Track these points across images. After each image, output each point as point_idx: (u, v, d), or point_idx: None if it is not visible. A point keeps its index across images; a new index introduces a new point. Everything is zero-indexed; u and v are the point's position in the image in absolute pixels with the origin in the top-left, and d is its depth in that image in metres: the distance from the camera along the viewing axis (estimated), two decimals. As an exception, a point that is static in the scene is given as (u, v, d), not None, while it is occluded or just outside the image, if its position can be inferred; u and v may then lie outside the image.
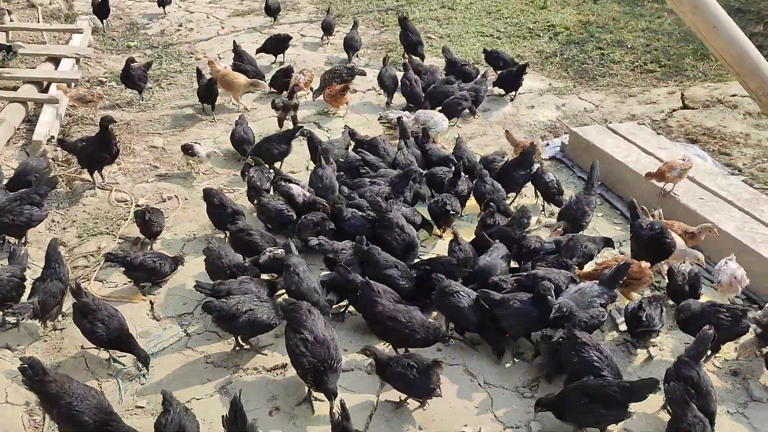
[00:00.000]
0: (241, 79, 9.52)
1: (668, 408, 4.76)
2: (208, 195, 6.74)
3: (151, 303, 6.04)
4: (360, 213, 6.54)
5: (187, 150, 7.88)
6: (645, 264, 5.81)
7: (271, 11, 12.74)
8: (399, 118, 8.30)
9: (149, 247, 6.66)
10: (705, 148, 8.47)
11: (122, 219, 7.18)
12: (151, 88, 10.41)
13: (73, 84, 9.61)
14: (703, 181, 7.08)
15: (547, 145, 8.71)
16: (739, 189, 6.99)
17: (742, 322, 5.11)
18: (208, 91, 9.32)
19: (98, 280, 6.32)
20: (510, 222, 6.48)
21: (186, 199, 7.64)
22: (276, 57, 11.22)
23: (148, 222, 6.54)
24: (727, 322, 5.09)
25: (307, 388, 4.97)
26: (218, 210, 6.67)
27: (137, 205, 7.18)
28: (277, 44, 11.06)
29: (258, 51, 10.97)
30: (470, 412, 4.95)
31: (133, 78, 9.58)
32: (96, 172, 7.68)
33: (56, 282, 5.63)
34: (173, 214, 7.28)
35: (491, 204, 6.55)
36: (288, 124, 8.86)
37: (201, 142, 8.14)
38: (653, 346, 5.47)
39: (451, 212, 6.59)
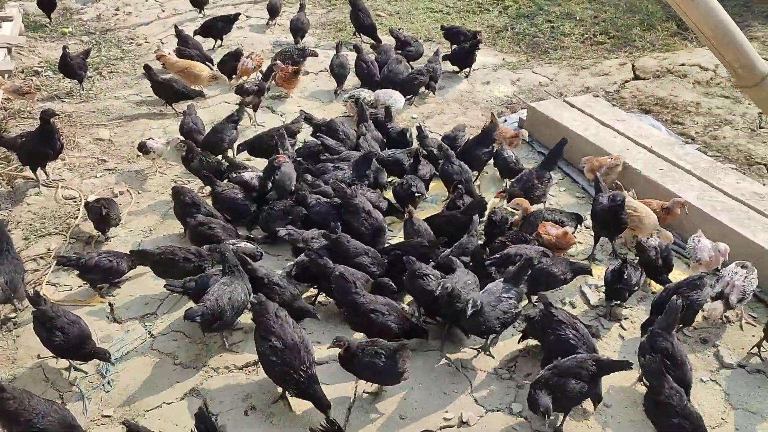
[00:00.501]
0: (205, 72, 9.11)
1: (644, 380, 4.82)
2: (178, 193, 6.44)
3: (111, 305, 5.76)
4: (325, 199, 6.36)
5: (142, 149, 7.50)
6: (569, 230, 5.97)
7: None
8: (358, 100, 8.14)
9: (103, 245, 6.35)
10: (658, 118, 8.58)
11: (72, 217, 6.82)
12: (91, 77, 9.93)
13: (6, 75, 9.06)
14: (661, 152, 7.16)
15: (505, 121, 8.66)
16: (696, 158, 7.09)
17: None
18: (163, 91, 8.85)
19: (50, 284, 6.00)
20: (467, 208, 6.33)
21: (139, 193, 7.31)
22: (216, 41, 10.78)
23: (107, 217, 6.25)
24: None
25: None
26: (189, 209, 6.34)
27: (87, 202, 6.80)
28: (223, 26, 10.64)
29: (196, 33, 10.47)
30: (450, 398, 4.89)
31: (72, 67, 9.08)
32: (39, 168, 7.26)
33: (13, 260, 5.54)
34: (127, 209, 6.95)
35: (460, 186, 6.46)
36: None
37: (154, 136, 7.74)
38: (624, 318, 5.52)
39: (417, 194, 6.50)
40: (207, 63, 9.58)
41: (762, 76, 3.30)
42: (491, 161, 7.36)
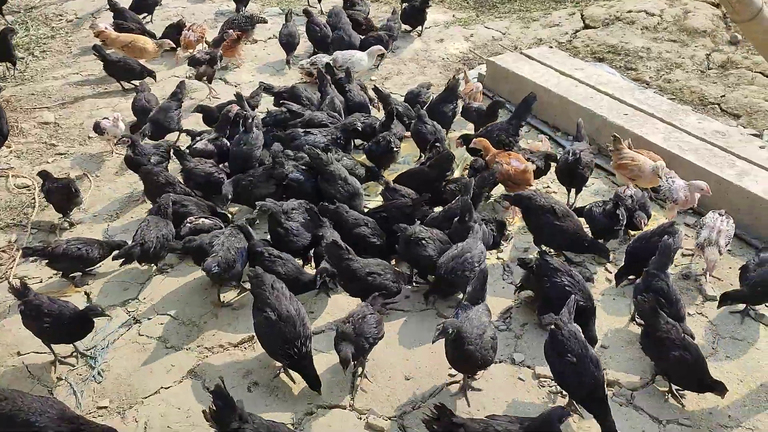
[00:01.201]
0: (150, 44, 8.66)
1: (637, 320, 4.95)
2: (149, 174, 6.15)
3: (87, 294, 5.50)
4: (302, 166, 6.20)
5: (96, 129, 7.10)
6: (530, 168, 6.04)
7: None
8: (319, 65, 7.96)
9: (68, 233, 6.04)
10: (613, 65, 8.73)
11: (29, 207, 6.45)
12: (23, 58, 9.34)
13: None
14: (623, 98, 7.28)
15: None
16: (657, 101, 7.25)
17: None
18: (116, 70, 8.40)
19: (18, 278, 5.66)
20: (434, 162, 6.21)
21: (97, 175, 6.96)
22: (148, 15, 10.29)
23: (76, 194, 6.05)
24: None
25: (280, 362, 4.74)
26: (164, 189, 6.05)
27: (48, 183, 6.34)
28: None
29: (130, 8, 9.92)
30: (451, 354, 4.91)
31: (9, 48, 8.50)
32: (-15, 158, 6.83)
33: None
34: (88, 194, 6.61)
35: (437, 144, 6.40)
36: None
37: (108, 116, 7.33)
38: (610, 262, 5.63)
39: (396, 149, 6.43)
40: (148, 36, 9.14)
41: (757, 10, 3.35)
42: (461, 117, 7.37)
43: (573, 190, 6.27)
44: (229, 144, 6.63)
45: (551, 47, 8.86)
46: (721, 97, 7.92)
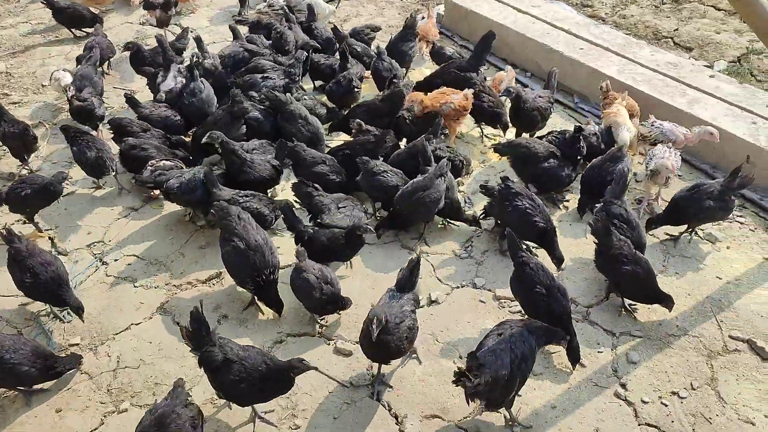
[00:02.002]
0: None
1: (595, 241, 5.15)
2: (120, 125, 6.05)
3: (51, 239, 5.49)
4: (260, 105, 6.18)
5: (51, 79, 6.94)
6: (469, 94, 6.13)
7: None
8: (277, 7, 7.85)
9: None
10: (569, 2, 8.79)
11: (-15, 156, 6.34)
12: (-34, 7, 9.02)
13: None
14: (579, 33, 7.38)
15: (423, 18, 8.61)
16: (612, 36, 7.37)
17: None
18: (65, 18, 8.15)
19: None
20: (385, 97, 6.26)
21: (54, 125, 6.85)
22: None
23: (34, 140, 6.01)
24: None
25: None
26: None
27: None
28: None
29: None
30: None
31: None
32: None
33: None
34: (44, 142, 6.52)
35: (395, 80, 6.44)
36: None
37: (60, 68, 7.14)
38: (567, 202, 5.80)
39: (357, 89, 6.47)
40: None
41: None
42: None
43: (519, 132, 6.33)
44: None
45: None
46: (674, 30, 8.07)
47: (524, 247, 4.83)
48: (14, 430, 4.09)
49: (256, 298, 4.81)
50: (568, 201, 5.78)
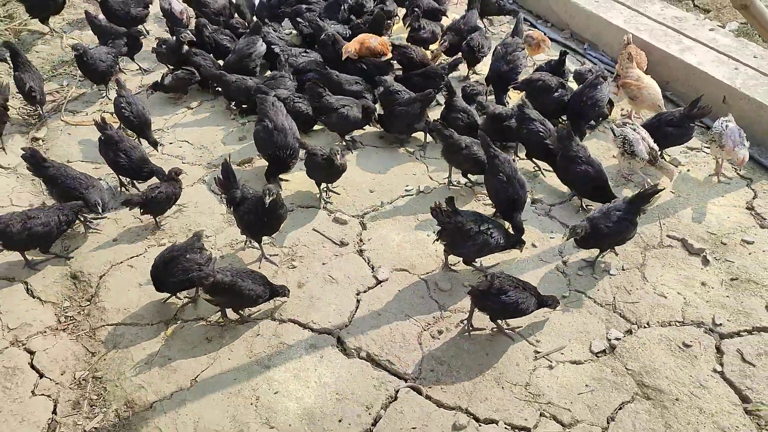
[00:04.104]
0: None
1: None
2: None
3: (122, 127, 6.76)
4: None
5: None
6: (386, 40, 7.01)
7: None
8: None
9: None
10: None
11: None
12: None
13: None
14: (599, -13, 8.05)
15: None
16: (629, -8, 8.00)
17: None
18: None
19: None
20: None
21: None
22: None
23: None
24: None
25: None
26: None
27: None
28: None
29: None
30: (411, 178, 6.03)
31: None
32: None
33: (35, 71, 6.74)
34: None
35: (416, 9, 7.43)
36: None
37: None
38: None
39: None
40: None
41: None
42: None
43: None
44: None
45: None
46: (696, -7, 8.59)
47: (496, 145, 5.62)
48: (84, 250, 5.35)
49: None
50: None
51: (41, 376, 4.44)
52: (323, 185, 5.75)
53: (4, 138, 6.47)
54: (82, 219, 5.42)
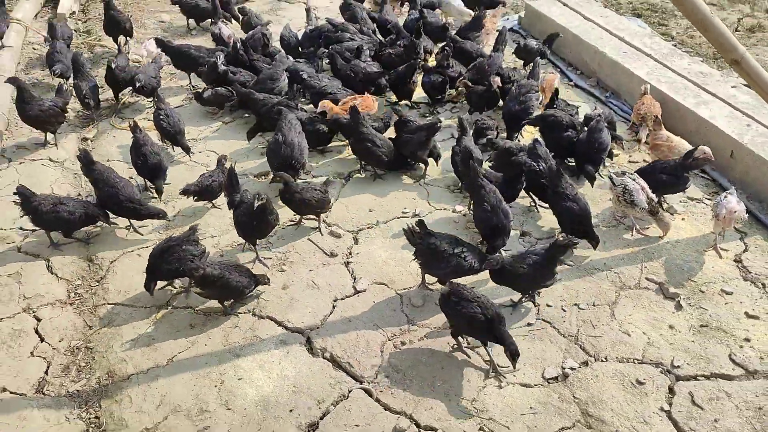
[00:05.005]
0: None
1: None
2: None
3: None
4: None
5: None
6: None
7: None
8: None
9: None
10: (647, 21, 9.55)
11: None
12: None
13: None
14: (631, 41, 8.21)
15: (507, 19, 9.83)
16: (659, 46, 8.11)
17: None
18: None
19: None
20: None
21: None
22: None
23: None
24: None
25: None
26: None
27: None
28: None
29: None
30: (410, 202, 6.35)
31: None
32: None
33: (91, 78, 7.61)
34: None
35: (446, 48, 7.92)
36: None
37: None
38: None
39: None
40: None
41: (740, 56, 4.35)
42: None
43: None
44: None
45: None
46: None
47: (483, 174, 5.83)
48: (103, 238, 5.94)
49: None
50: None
51: (42, 340, 4.98)
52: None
53: (59, 135, 7.25)
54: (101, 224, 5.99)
